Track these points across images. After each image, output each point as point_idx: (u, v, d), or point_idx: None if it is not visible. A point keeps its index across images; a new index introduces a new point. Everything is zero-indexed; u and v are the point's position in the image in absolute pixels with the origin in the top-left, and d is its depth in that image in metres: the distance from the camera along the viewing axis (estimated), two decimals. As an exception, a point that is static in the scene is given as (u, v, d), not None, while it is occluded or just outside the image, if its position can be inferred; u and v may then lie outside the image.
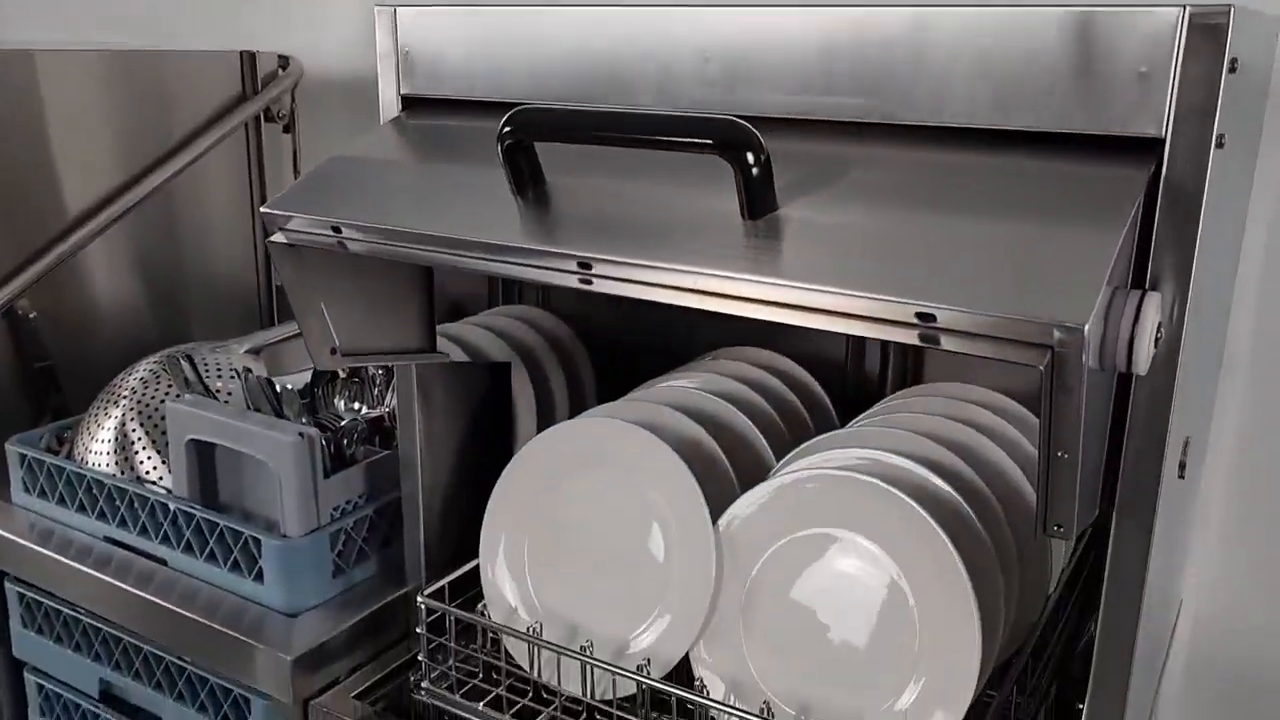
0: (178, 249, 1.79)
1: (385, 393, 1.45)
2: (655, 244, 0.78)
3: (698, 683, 1.05)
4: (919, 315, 0.67)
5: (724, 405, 1.19)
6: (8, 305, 1.57)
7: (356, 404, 1.41)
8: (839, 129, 0.86)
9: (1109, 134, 0.76)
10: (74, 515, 1.39)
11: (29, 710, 1.51)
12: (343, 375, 1.45)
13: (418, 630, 1.14)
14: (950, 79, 0.80)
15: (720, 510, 1.05)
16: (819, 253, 0.75)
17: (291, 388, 1.32)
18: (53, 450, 1.47)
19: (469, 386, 1.25)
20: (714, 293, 0.75)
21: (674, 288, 0.76)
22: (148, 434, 1.38)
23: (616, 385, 1.25)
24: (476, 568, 1.18)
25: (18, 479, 1.45)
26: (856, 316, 0.70)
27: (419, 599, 1.13)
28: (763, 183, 0.77)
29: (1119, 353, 0.73)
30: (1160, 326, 0.74)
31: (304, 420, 1.32)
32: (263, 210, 0.95)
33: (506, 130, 0.85)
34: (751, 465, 1.15)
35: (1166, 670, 1.38)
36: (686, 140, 0.77)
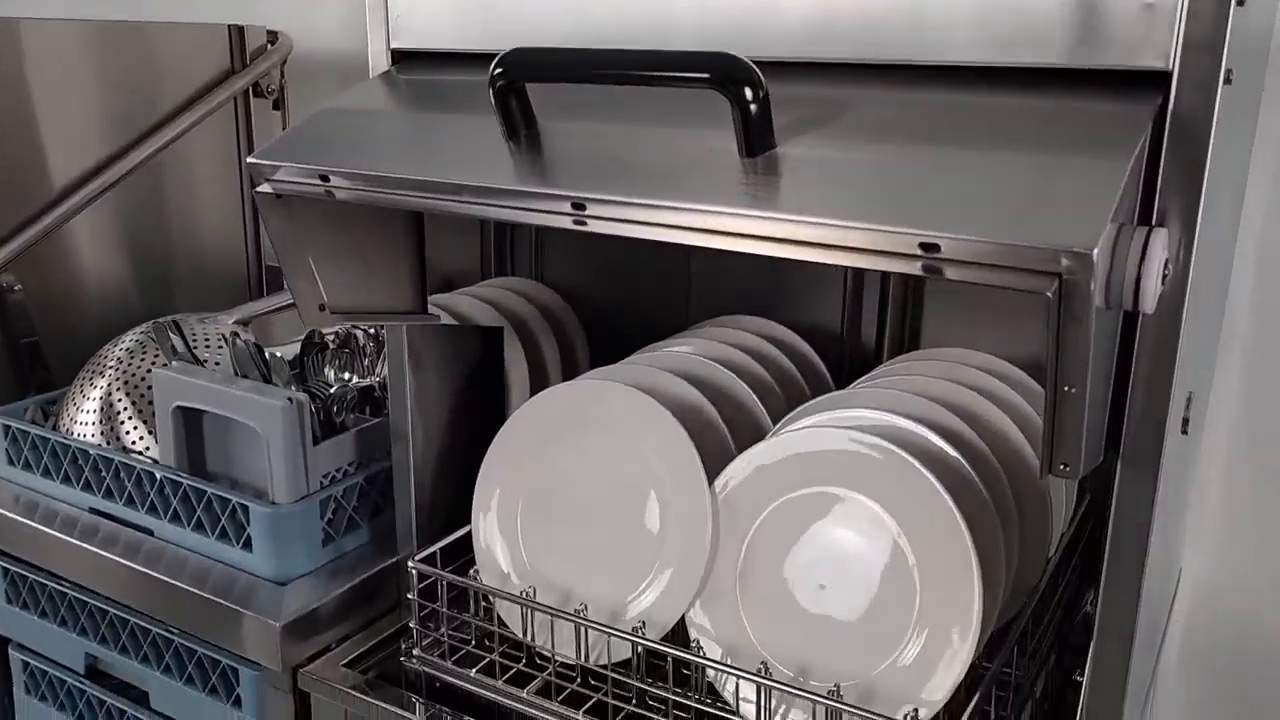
0: (165, 224, 1.77)
1: (376, 363, 1.43)
2: (651, 183, 0.77)
3: (693, 645, 1.04)
4: (922, 245, 0.66)
5: (720, 370, 1.18)
6: (-8, 279, 1.55)
7: (347, 374, 1.39)
8: (839, 72, 0.84)
9: (1114, 68, 0.74)
10: (59, 487, 1.37)
11: (14, 688, 1.49)
12: (333, 345, 1.43)
13: (409, 596, 1.12)
14: (952, 16, 0.78)
15: (716, 473, 1.04)
16: (819, 187, 0.73)
17: (280, 356, 1.30)
18: (38, 424, 1.44)
19: (460, 352, 1.23)
20: (712, 230, 0.73)
21: (671, 226, 0.75)
22: (134, 403, 1.35)
23: (610, 357, 1.23)
24: (468, 535, 1.16)
25: (1, 451, 1.42)
26: (858, 249, 0.68)
27: (410, 564, 1.11)
28: (761, 119, 0.75)
29: (1126, 290, 0.72)
30: (1167, 264, 0.72)
31: (293, 388, 1.30)
32: (249, 160, 0.93)
33: (498, 72, 0.83)
34: (748, 429, 1.14)
35: (1167, 638, 1.37)
36: (683, 75, 0.76)
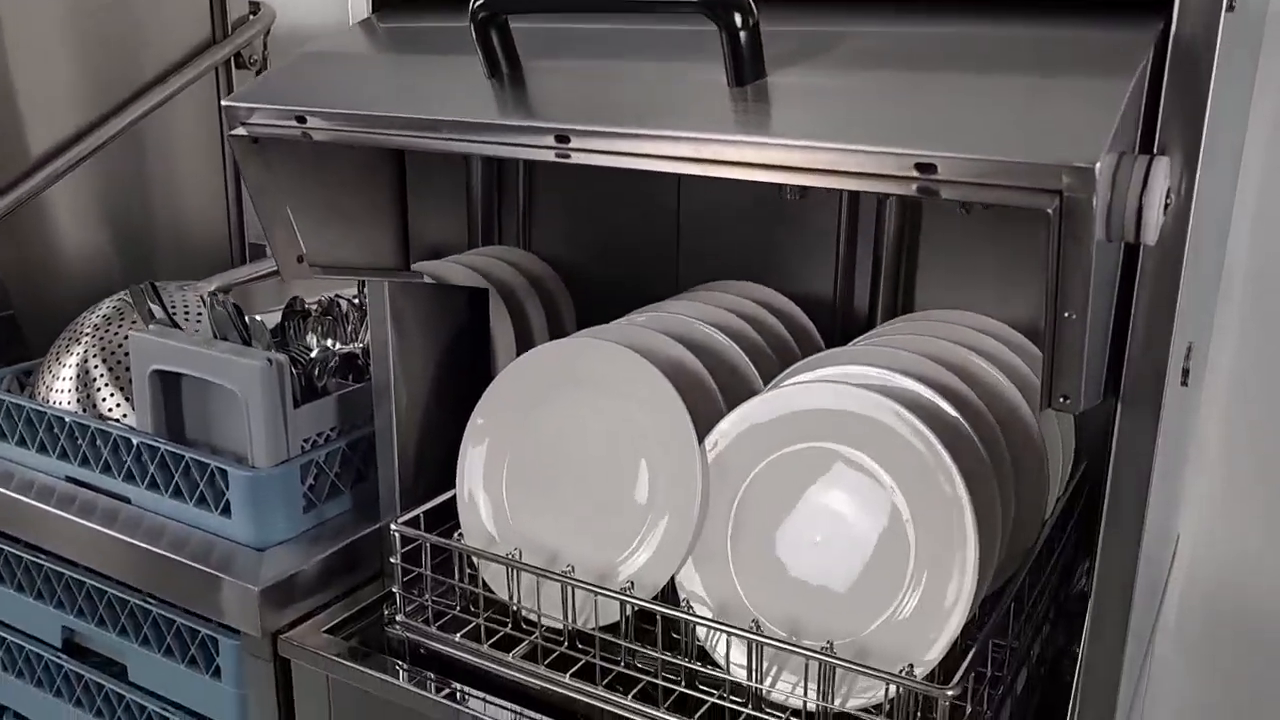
0: (146, 196, 1.73)
1: (359, 330, 1.40)
2: (637, 113, 0.74)
3: (683, 604, 1.01)
4: (918, 166, 0.63)
5: (712, 331, 1.16)
6: (-34, 249, 1.52)
7: (329, 340, 1.36)
8: (831, 5, 0.82)
9: (1114, -8, 0.72)
10: (34, 456, 1.34)
11: (-10, 665, 1.46)
12: (315, 312, 1.40)
13: (392, 560, 1.09)
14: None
15: (706, 434, 1.02)
16: (811, 112, 0.71)
17: (261, 320, 1.27)
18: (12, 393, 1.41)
19: (445, 314, 1.21)
20: (702, 159, 0.71)
21: (658, 156, 0.72)
22: (110, 370, 1.33)
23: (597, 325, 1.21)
24: (453, 500, 1.14)
25: (-25, 421, 1.39)
26: (852, 173, 0.66)
27: (393, 526, 1.09)
28: (751, 46, 0.73)
29: (1127, 221, 0.69)
30: (1169, 193, 0.70)
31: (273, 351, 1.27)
32: (224, 104, 0.90)
33: (478, 4, 0.80)
34: (738, 390, 1.11)
35: (1164, 604, 1.35)
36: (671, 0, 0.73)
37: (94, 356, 1.34)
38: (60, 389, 1.34)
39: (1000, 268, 1.22)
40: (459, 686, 1.05)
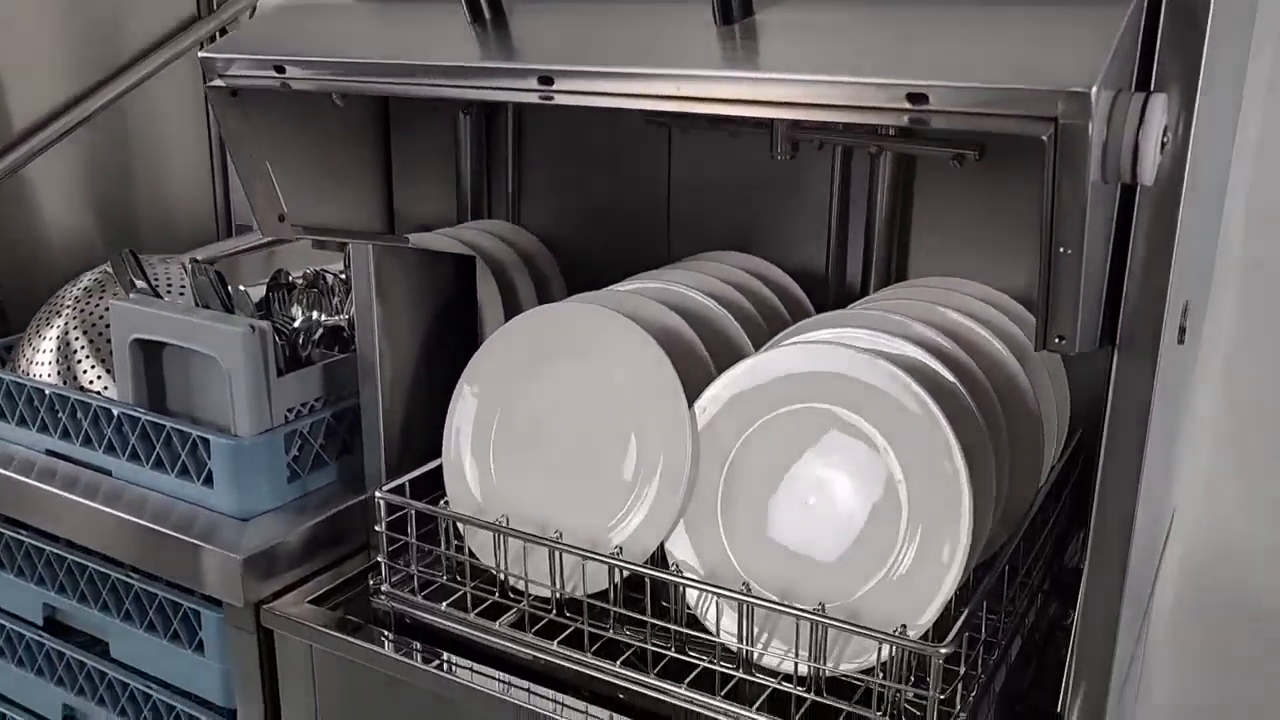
0: (129, 173, 1.72)
1: (345, 303, 1.38)
2: (622, 52, 0.72)
3: (673, 569, 1.00)
4: (909, 97, 0.62)
5: (703, 299, 1.14)
6: (-54, 224, 1.50)
7: (314, 312, 1.34)
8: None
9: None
10: (13, 429, 1.32)
11: (-30, 645, 1.44)
12: (300, 285, 1.38)
13: (377, 529, 1.07)
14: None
15: (696, 399, 1.00)
16: (800, 47, 0.69)
17: (244, 290, 1.25)
18: (-7, 369, 1.39)
19: (431, 282, 1.19)
20: (690, 96, 0.69)
21: (646, 95, 0.71)
22: (91, 342, 1.30)
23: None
24: (439, 470, 1.12)
25: (-46, 395, 1.37)
26: (843, 106, 0.64)
27: (378, 493, 1.07)
28: (739, -18, 0.71)
29: (1124, 159, 0.68)
30: (1166, 130, 0.69)
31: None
32: (201, 55, 0.88)
33: (462, -53, 0.79)
34: (730, 358, 1.10)
35: (1159, 581, 1.34)
36: (656, -63, 0.72)
37: (75, 329, 1.32)
38: (41, 361, 1.32)
39: (994, 238, 1.20)
40: (446, 655, 1.03)
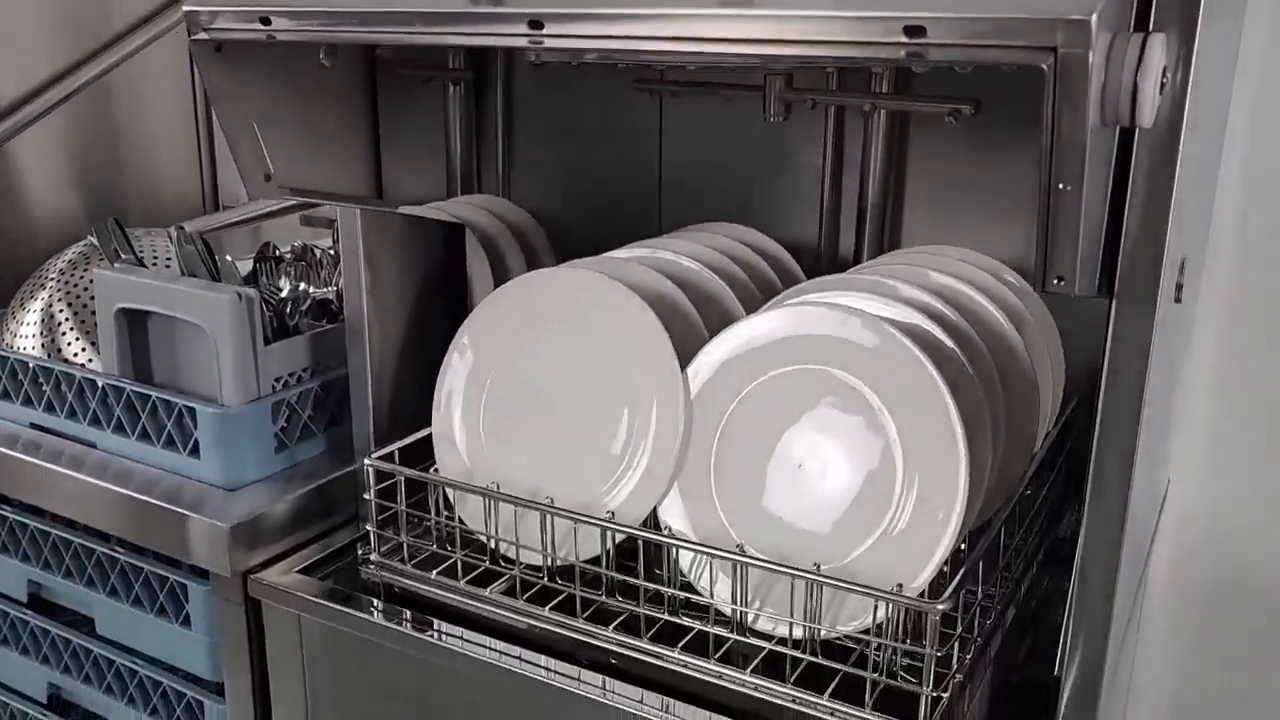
0: (116, 148, 1.70)
1: (333, 275, 1.37)
2: (614, -5, 0.71)
3: (665, 532, 0.98)
4: (906, 30, 0.61)
5: (696, 266, 1.14)
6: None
7: (303, 284, 1.33)
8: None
9: None
10: (-4, 403, 1.30)
11: (-47, 624, 1.42)
12: (289, 257, 1.36)
13: (365, 497, 1.06)
14: None
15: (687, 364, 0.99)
16: (794, -15, 0.68)
17: (231, 260, 1.24)
18: (-24, 344, 1.38)
19: (420, 249, 1.17)
20: (683, 36, 0.68)
21: (637, 37, 0.69)
22: (75, 314, 1.29)
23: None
24: (429, 440, 1.11)
25: (-64, 370, 1.35)
26: (839, 41, 0.63)
27: (367, 461, 1.05)
28: (731, -76, 0.70)
29: (1122, 101, 0.67)
30: (1165, 71, 0.68)
31: (244, 291, 1.23)
32: (185, 9, 0.87)
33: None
34: (722, 324, 1.09)
35: (1153, 554, 1.33)
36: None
37: (59, 301, 1.30)
38: (24, 334, 1.31)
39: (987, 209, 1.20)
40: (435, 622, 1.02)
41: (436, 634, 1.02)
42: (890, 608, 0.87)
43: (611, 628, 0.96)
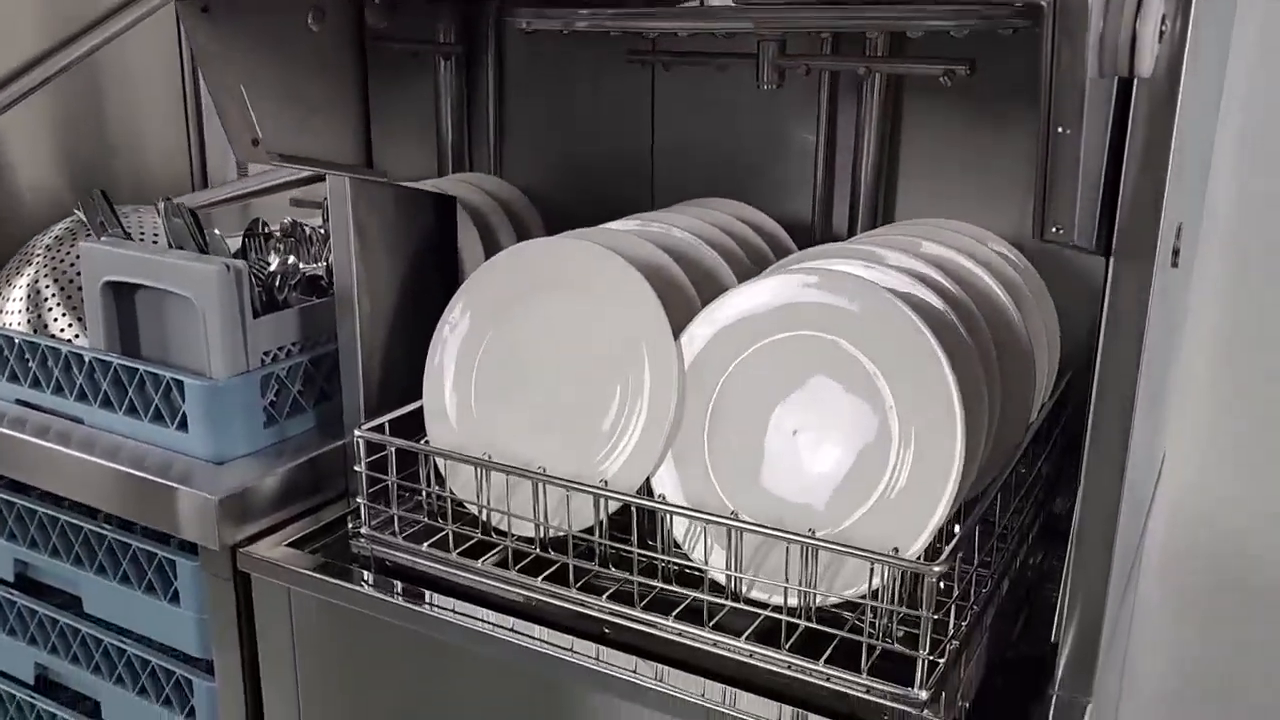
0: (103, 128, 1.68)
1: (323, 251, 1.36)
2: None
3: (659, 499, 0.97)
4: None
5: (690, 239, 1.13)
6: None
7: (292, 258, 1.31)
8: None
9: None
10: (-18, 380, 1.29)
11: (-61, 606, 1.40)
12: (278, 234, 1.35)
13: (356, 469, 1.05)
14: None
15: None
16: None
17: (220, 234, 1.23)
18: (-38, 321, 1.36)
19: (411, 221, 1.16)
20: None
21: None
22: (62, 290, 1.27)
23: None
24: (420, 414, 1.10)
25: (-80, 349, 1.34)
26: None
27: (357, 432, 1.04)
28: None
29: (1121, 51, 0.66)
30: (1164, 19, 0.67)
31: (233, 266, 1.22)
32: (172, -32, 0.85)
33: None
34: (714, 293, 1.08)
35: (1148, 533, 1.32)
36: None
37: (45, 277, 1.29)
38: (10, 311, 1.29)
39: (983, 183, 1.19)
40: (427, 594, 1.01)
41: (428, 606, 1.01)
42: (886, 573, 0.86)
43: (605, 597, 0.95)
